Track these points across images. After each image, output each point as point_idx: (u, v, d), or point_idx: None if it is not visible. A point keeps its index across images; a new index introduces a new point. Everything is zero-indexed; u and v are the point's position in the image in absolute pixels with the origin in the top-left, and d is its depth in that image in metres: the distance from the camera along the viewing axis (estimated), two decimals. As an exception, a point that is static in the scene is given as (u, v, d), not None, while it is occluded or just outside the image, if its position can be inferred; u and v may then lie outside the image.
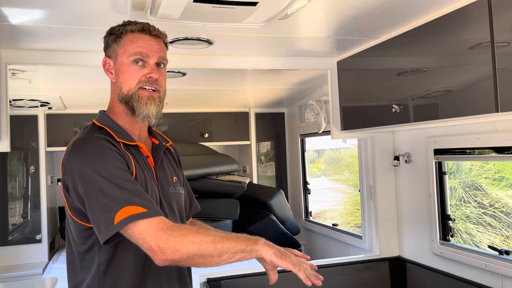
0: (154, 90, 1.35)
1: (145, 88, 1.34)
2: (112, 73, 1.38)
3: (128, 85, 1.34)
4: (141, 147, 1.38)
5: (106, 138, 1.29)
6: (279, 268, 1.42)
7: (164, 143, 1.48)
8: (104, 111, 1.43)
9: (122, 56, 1.34)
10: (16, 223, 3.67)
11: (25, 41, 1.90)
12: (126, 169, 1.25)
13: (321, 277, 1.28)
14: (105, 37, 1.40)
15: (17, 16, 1.61)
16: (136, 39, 1.34)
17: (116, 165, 1.22)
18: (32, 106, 3.43)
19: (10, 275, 3.33)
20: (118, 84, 1.36)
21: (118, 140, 1.32)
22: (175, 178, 1.48)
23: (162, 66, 1.38)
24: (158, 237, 1.14)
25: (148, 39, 1.35)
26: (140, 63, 1.33)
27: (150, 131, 1.49)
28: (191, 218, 1.66)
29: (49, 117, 3.68)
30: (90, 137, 1.29)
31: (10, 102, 3.13)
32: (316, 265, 1.25)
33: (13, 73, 2.39)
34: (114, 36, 1.36)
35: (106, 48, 1.40)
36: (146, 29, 1.35)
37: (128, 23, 1.37)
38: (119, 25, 1.38)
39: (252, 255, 1.21)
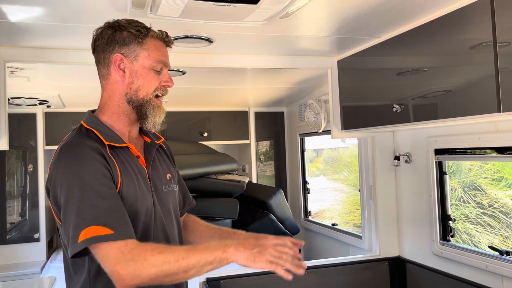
0: (161, 100, 1.40)
1: (159, 97, 1.38)
2: (124, 72, 1.33)
3: (146, 90, 1.35)
4: (131, 148, 1.36)
5: (90, 145, 1.26)
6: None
7: (156, 141, 1.47)
8: (93, 111, 1.40)
9: (145, 60, 1.33)
10: (14, 221, 3.66)
11: (24, 38, 1.89)
12: (107, 180, 1.22)
13: (305, 265, 1.28)
14: (116, 30, 1.33)
15: (15, 14, 1.60)
16: (160, 47, 1.37)
17: (96, 177, 1.21)
18: (31, 104, 3.42)
19: (8, 274, 3.32)
20: (134, 86, 1.34)
21: (106, 143, 1.30)
22: (168, 175, 1.46)
23: None
24: (118, 263, 1.13)
25: (165, 49, 1.39)
26: (159, 71, 1.36)
27: (141, 129, 1.47)
28: (186, 214, 1.64)
29: (48, 116, 3.67)
30: (75, 144, 1.27)
31: (9, 100, 3.11)
32: (316, 265, 1.25)
33: (12, 71, 2.37)
34: (134, 36, 1.32)
35: (121, 44, 1.32)
36: (166, 41, 1.39)
37: (144, 26, 1.35)
38: (137, 25, 1.33)
39: (223, 264, 1.19)
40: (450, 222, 2.23)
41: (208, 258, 1.17)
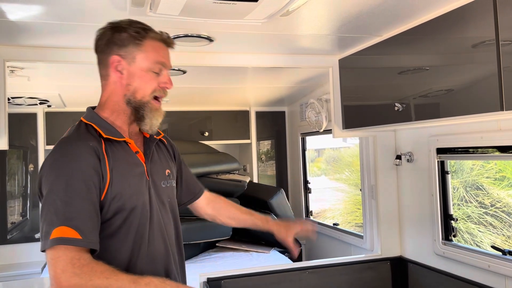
0: (160, 101, 1.39)
1: (157, 99, 1.37)
2: (121, 73, 1.33)
3: (144, 92, 1.34)
4: (129, 143, 1.37)
5: (85, 143, 1.27)
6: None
7: (155, 136, 1.47)
8: (93, 108, 1.41)
9: (143, 61, 1.33)
10: (15, 221, 3.66)
11: (24, 37, 1.88)
12: (91, 183, 1.23)
13: None
14: (114, 32, 1.33)
15: (15, 12, 1.59)
16: (159, 48, 1.36)
17: (80, 179, 1.22)
18: (31, 104, 3.41)
19: (9, 274, 3.32)
20: (131, 87, 1.34)
21: (104, 136, 1.31)
22: (167, 171, 1.48)
23: None
24: (64, 272, 1.14)
25: (165, 50, 1.38)
26: (158, 72, 1.36)
27: None
28: (208, 193, 1.72)
29: (48, 115, 3.67)
30: (71, 141, 1.29)
31: (9, 99, 3.12)
32: (317, 265, 1.26)
33: (12, 70, 2.37)
34: (132, 37, 1.32)
35: (120, 46, 1.32)
36: (166, 42, 1.38)
37: (144, 27, 1.34)
38: (136, 26, 1.33)
39: None
40: (452, 221, 2.22)
41: None
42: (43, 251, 1.19)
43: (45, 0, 1.49)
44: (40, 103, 3.42)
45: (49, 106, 3.56)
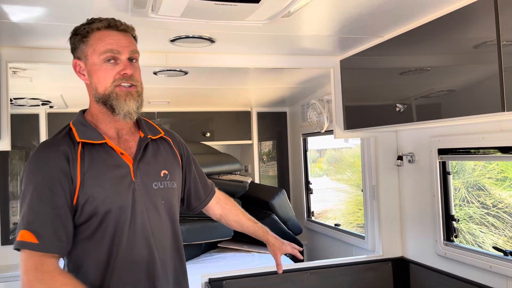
0: (130, 86, 1.33)
1: (121, 85, 1.31)
2: (84, 75, 1.35)
3: (104, 85, 1.31)
4: (112, 146, 1.34)
5: (56, 148, 1.29)
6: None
7: (150, 136, 1.43)
8: (84, 110, 1.42)
9: (92, 56, 1.31)
10: (17, 222, 3.66)
11: (26, 39, 1.89)
12: (58, 188, 1.25)
13: None
14: (70, 38, 1.37)
15: (17, 14, 1.60)
16: (104, 36, 1.31)
17: (47, 184, 1.25)
18: (33, 105, 3.42)
19: (11, 274, 3.32)
20: (93, 85, 1.33)
21: (78, 140, 1.31)
22: (163, 172, 1.42)
23: (134, 61, 1.36)
24: (27, 274, 1.19)
25: (116, 35, 1.32)
26: (112, 60, 1.31)
27: (139, 123, 1.46)
28: (218, 193, 1.70)
29: (50, 116, 3.67)
30: (45, 145, 1.32)
31: (11, 100, 3.12)
32: (319, 266, 1.26)
33: (14, 72, 2.38)
34: (80, 36, 1.33)
35: (74, 50, 1.37)
36: (113, 25, 1.33)
37: (93, 20, 1.33)
38: (83, 24, 1.34)
39: None
40: (454, 222, 2.22)
41: None
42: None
43: (47, 2, 1.50)
44: (42, 104, 3.43)
45: (51, 107, 3.57)
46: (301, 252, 1.63)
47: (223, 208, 1.71)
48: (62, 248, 1.24)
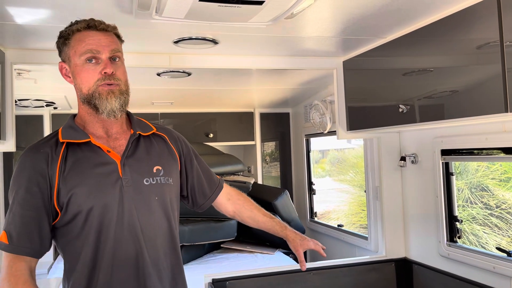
0: (112, 85, 1.32)
1: (103, 85, 1.31)
2: (70, 77, 1.37)
3: (87, 85, 1.32)
4: (98, 144, 1.34)
5: (38, 150, 1.32)
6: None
7: (138, 132, 1.42)
8: (75, 115, 1.43)
9: (74, 58, 1.32)
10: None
11: (31, 40, 1.90)
12: (35, 190, 1.27)
13: None
14: (56, 42, 1.38)
15: (22, 16, 1.61)
16: (84, 37, 1.31)
17: (25, 186, 1.28)
18: (38, 106, 3.44)
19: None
20: (78, 86, 1.34)
21: (61, 140, 1.33)
22: (156, 167, 1.40)
23: (117, 60, 1.35)
24: (1, 273, 1.24)
25: (96, 35, 1.32)
26: (94, 60, 1.31)
27: (132, 121, 1.45)
28: (229, 188, 1.68)
29: (54, 117, 3.69)
30: (29, 149, 1.35)
31: (16, 102, 3.14)
32: (322, 266, 1.25)
33: (19, 73, 2.39)
34: (63, 39, 1.35)
35: (60, 53, 1.38)
36: (92, 25, 1.33)
37: (75, 22, 1.34)
38: (66, 27, 1.36)
39: None
40: (457, 223, 2.22)
41: None
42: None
43: (52, 4, 1.51)
44: (47, 105, 3.45)
45: (55, 108, 3.59)
46: (304, 254, 1.60)
47: (235, 204, 1.66)
48: (33, 250, 1.27)
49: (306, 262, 3.91)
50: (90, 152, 1.34)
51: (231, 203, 1.66)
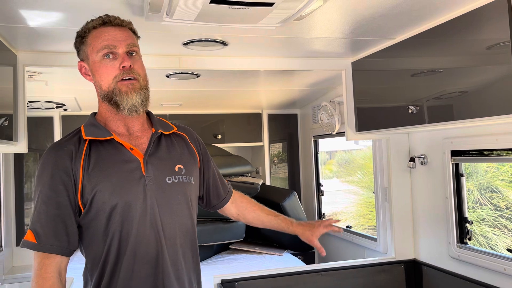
0: (132, 79, 1.32)
1: (123, 80, 1.31)
2: (89, 75, 1.38)
3: (107, 81, 1.32)
4: (121, 142, 1.35)
5: (61, 148, 1.32)
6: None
7: (160, 131, 1.43)
8: (96, 113, 1.44)
9: (91, 55, 1.33)
10: (31, 223, 3.72)
11: (43, 43, 1.92)
12: (61, 188, 1.27)
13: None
14: (74, 42, 1.40)
15: (35, 19, 1.64)
16: (100, 33, 1.32)
17: (50, 184, 1.28)
18: (48, 108, 3.48)
19: (25, 275, 3.37)
20: (97, 83, 1.35)
21: (85, 137, 1.33)
22: (178, 166, 1.40)
23: (134, 54, 1.35)
24: (32, 273, 1.27)
25: (112, 30, 1.33)
26: (111, 56, 1.31)
27: (152, 120, 1.46)
28: (234, 193, 1.69)
29: (64, 119, 3.73)
30: (52, 147, 1.35)
31: (27, 103, 3.17)
32: (331, 267, 1.25)
33: (30, 75, 2.42)
34: (80, 38, 1.36)
35: (78, 53, 1.40)
36: (107, 21, 1.34)
37: (90, 21, 1.36)
38: (82, 26, 1.37)
39: None
40: (467, 224, 2.21)
41: None
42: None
43: (64, 7, 1.53)
44: (57, 107, 3.48)
45: (65, 109, 3.62)
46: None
47: (238, 207, 1.69)
48: (61, 248, 1.26)
49: (315, 263, 3.90)
50: (113, 150, 1.34)
51: (235, 205, 1.69)
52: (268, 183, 4.28)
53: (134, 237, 1.29)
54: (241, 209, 1.69)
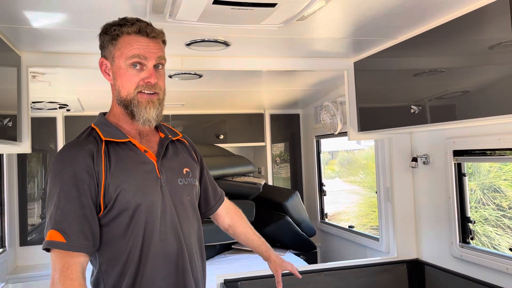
0: (153, 93, 1.34)
1: (143, 92, 1.33)
2: (109, 75, 1.38)
3: (127, 90, 1.33)
4: (136, 144, 1.36)
5: (81, 148, 1.30)
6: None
7: (170, 136, 1.47)
8: (105, 113, 1.44)
9: (119, 59, 1.32)
10: (35, 223, 3.73)
11: (46, 44, 1.93)
12: (84, 186, 1.25)
13: None
14: (100, 35, 1.38)
15: (38, 20, 1.65)
16: (133, 41, 1.31)
17: (72, 183, 1.25)
18: (51, 108, 3.49)
19: (29, 275, 3.38)
20: (117, 87, 1.35)
21: (104, 139, 1.33)
22: (186, 169, 1.45)
23: (160, 67, 1.36)
24: (54, 275, 1.19)
25: (145, 41, 1.32)
26: (138, 66, 1.32)
27: (158, 126, 1.48)
28: (228, 202, 1.71)
29: (67, 119, 3.74)
30: (69, 146, 1.33)
31: (30, 104, 3.19)
32: (333, 267, 1.26)
33: (33, 76, 2.43)
34: (109, 36, 1.34)
35: (102, 48, 1.38)
36: (143, 31, 1.32)
37: (124, 23, 1.33)
38: (114, 24, 1.34)
39: None
40: (469, 224, 2.21)
41: None
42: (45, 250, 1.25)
43: (67, 8, 1.54)
44: (60, 108, 3.49)
45: (68, 110, 3.63)
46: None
47: (232, 219, 1.71)
48: (89, 247, 1.25)
49: (317, 263, 3.90)
50: (130, 151, 1.36)
51: (229, 216, 1.71)
52: (270, 183, 4.28)
53: (157, 236, 1.31)
54: (234, 221, 1.72)
